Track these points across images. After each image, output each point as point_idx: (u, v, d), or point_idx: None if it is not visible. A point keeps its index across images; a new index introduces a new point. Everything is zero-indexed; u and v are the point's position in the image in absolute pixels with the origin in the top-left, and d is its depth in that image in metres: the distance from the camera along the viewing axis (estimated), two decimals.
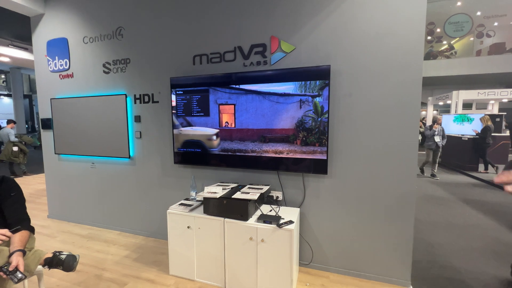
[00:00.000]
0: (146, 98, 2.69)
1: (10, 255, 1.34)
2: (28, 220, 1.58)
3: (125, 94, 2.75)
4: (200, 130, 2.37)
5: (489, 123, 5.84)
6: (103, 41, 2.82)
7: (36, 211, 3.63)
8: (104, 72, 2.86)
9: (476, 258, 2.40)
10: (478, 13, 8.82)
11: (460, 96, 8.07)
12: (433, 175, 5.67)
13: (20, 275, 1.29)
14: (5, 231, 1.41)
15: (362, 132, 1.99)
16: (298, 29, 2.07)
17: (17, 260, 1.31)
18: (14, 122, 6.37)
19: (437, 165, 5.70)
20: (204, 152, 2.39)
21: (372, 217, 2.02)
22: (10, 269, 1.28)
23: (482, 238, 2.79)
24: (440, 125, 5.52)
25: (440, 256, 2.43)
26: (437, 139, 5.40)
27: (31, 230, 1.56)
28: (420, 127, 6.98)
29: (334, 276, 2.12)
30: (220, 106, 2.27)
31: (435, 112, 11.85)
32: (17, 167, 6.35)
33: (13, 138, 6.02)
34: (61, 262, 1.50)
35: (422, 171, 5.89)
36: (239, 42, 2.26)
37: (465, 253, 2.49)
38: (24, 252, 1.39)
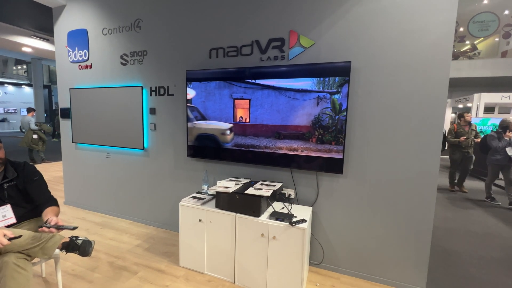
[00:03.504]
0: (162, 91, 2.70)
1: (45, 222, 1.43)
2: (55, 199, 1.69)
3: (141, 86, 2.77)
4: (214, 124, 2.37)
5: None
6: (122, 33, 2.85)
7: None
8: (122, 63, 2.90)
9: (496, 268, 2.29)
10: (506, 12, 8.33)
11: (482, 99, 7.71)
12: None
13: (71, 225, 1.41)
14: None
15: (381, 133, 1.92)
16: (318, 23, 2.01)
17: (56, 219, 1.44)
18: (34, 110, 6.62)
19: None
20: (217, 147, 2.38)
21: (388, 220, 1.96)
22: (53, 223, 1.41)
23: (502, 248, 2.66)
24: None
25: (457, 265, 2.33)
26: (511, 152, 3.84)
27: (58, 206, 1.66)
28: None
29: (344, 277, 2.08)
30: (235, 101, 2.25)
31: (453, 115, 11.40)
32: (36, 155, 6.61)
33: (33, 126, 6.26)
34: (77, 247, 1.54)
35: (491, 197, 4.19)
36: (256, 36, 2.22)
37: (484, 262, 2.38)
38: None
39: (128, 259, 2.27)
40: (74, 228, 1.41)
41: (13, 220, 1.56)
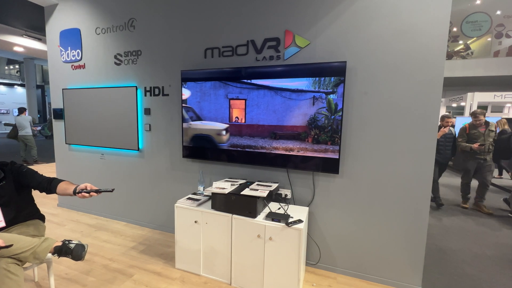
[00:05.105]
0: (157, 91, 2.67)
1: (75, 192, 1.51)
2: (53, 178, 1.69)
3: (136, 86, 2.74)
4: (210, 125, 2.35)
5: (506, 126, 5.61)
6: (115, 33, 2.81)
7: (47, 200, 3.70)
8: (116, 63, 2.86)
9: (491, 266, 2.31)
10: (498, 12, 8.45)
11: (475, 98, 7.82)
12: None
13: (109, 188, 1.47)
14: None
15: (376, 132, 1.92)
16: (314, 23, 2.01)
17: (90, 184, 1.51)
18: (26, 110, 6.60)
19: None
20: (213, 147, 2.36)
21: (384, 219, 1.96)
22: (89, 188, 1.46)
23: (496, 246, 2.69)
24: None
25: (452, 263, 2.35)
26: None
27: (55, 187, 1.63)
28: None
29: (341, 277, 2.08)
30: (231, 101, 2.24)
31: (447, 113, 11.54)
32: (29, 155, 6.51)
33: (33, 124, 6.42)
34: (70, 251, 1.51)
35: None
36: (252, 35, 2.21)
37: (479, 260, 2.40)
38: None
39: (123, 262, 2.24)
40: (112, 190, 1.46)
41: (2, 224, 1.52)
